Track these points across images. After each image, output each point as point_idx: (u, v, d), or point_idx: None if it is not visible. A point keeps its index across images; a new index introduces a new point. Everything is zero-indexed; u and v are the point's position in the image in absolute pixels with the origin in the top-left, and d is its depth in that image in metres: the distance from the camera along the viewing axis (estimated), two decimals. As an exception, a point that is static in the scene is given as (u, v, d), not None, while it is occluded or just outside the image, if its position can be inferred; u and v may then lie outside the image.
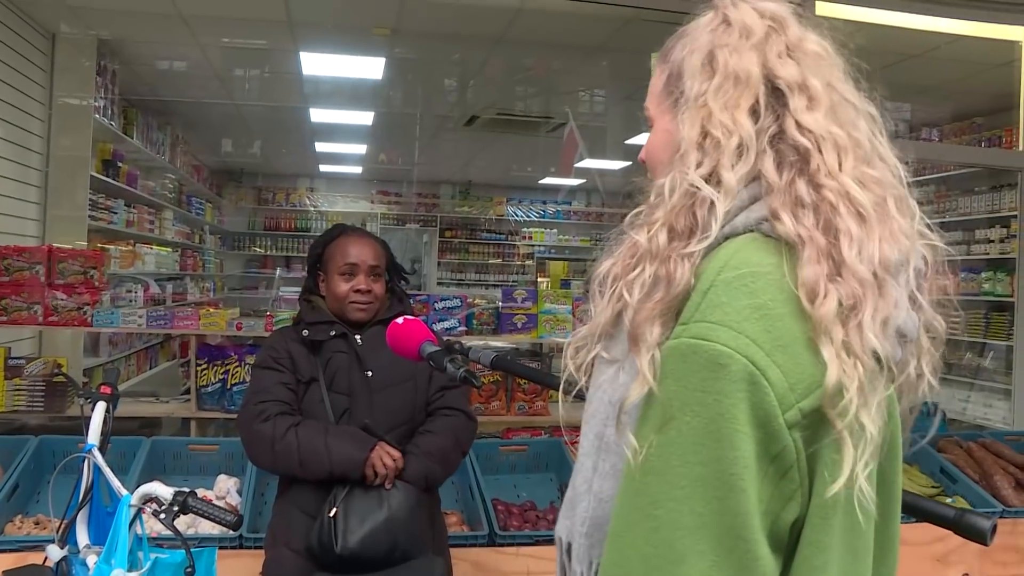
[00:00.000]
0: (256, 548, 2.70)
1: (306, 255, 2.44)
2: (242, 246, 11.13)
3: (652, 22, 4.48)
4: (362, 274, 2.25)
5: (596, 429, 0.92)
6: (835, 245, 0.79)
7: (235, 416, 3.57)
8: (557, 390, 1.00)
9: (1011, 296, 5.09)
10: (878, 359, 0.78)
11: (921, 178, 7.05)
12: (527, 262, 12.01)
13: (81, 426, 1.92)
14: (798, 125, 0.85)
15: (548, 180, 10.92)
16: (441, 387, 2.29)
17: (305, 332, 2.23)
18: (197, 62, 5.86)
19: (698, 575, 0.74)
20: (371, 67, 5.74)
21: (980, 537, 1.05)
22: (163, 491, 1.62)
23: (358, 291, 2.24)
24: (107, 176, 5.55)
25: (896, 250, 0.82)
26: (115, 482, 1.70)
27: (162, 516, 1.56)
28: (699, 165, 0.85)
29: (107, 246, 5.56)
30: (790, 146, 0.85)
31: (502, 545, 2.91)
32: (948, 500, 3.44)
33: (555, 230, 12.07)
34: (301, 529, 2.07)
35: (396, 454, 2.08)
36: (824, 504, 0.77)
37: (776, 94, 0.87)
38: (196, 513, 1.59)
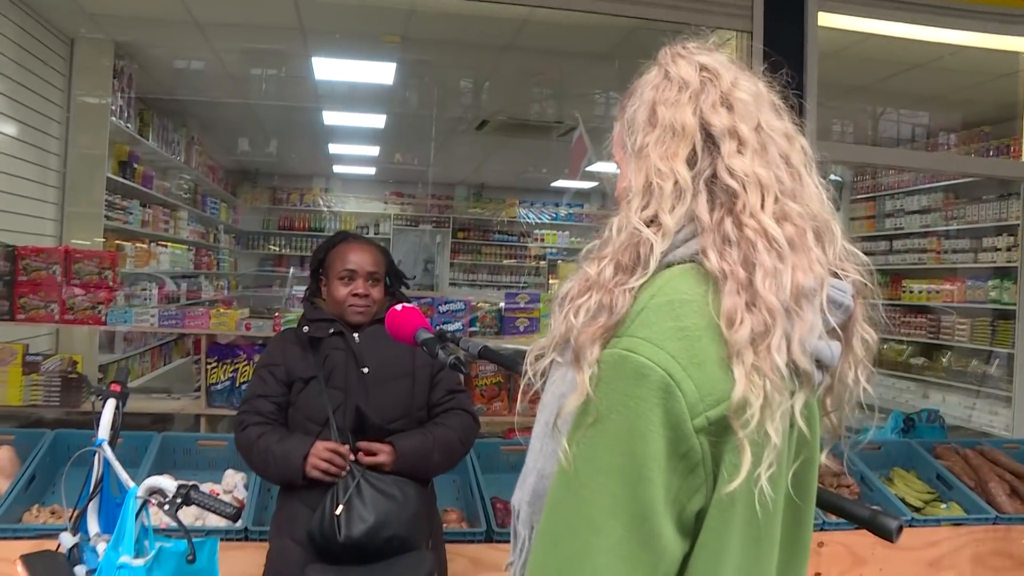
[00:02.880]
0: (261, 540, 2.78)
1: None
2: (256, 245, 11.24)
3: (657, 31, 4.56)
4: (360, 279, 2.35)
5: (546, 417, 1.06)
6: (752, 278, 0.91)
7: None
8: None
9: (1016, 305, 5.10)
10: (792, 377, 0.90)
11: (930, 185, 7.08)
12: (539, 264, 12.07)
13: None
14: (728, 169, 0.97)
15: (560, 183, 10.99)
16: (450, 391, 2.41)
17: (306, 328, 2.36)
18: (212, 64, 5.97)
19: (609, 545, 0.88)
20: (382, 72, 5.84)
21: (887, 535, 1.15)
22: (167, 484, 1.71)
23: (356, 295, 2.34)
24: (123, 177, 5.67)
25: (811, 278, 0.93)
26: (123, 475, 1.79)
27: (166, 508, 1.65)
28: (643, 208, 0.97)
29: (123, 243, 5.68)
30: (721, 188, 0.97)
31: (499, 542, 2.99)
32: (943, 506, 3.49)
33: (567, 232, 12.12)
34: (304, 521, 2.16)
35: (331, 445, 2.18)
36: (722, 499, 0.89)
37: (710, 140, 0.99)
38: (198, 505, 1.68)
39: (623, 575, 0.88)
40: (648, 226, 0.96)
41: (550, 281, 11.62)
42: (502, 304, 4.31)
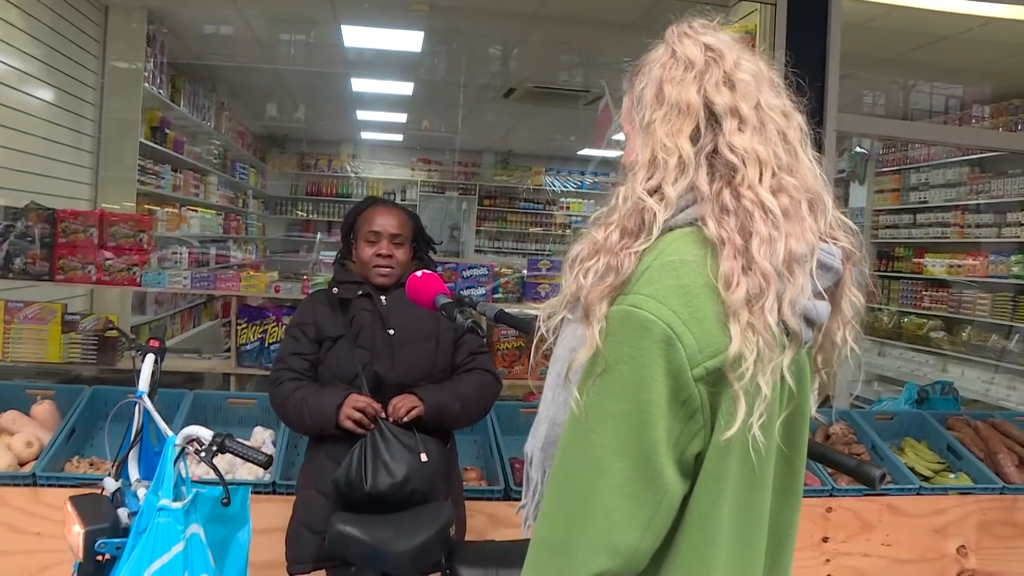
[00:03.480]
0: (288, 494, 2.91)
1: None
2: (284, 211, 11.35)
3: (684, 1, 4.56)
4: (384, 240, 2.44)
5: (558, 369, 1.16)
6: (748, 245, 0.99)
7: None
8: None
9: (1039, 280, 5.11)
10: (783, 335, 0.99)
11: (957, 159, 7.02)
12: (565, 232, 12.10)
13: (132, 378, 2.15)
14: (729, 145, 1.05)
15: (586, 151, 10.97)
16: (472, 352, 2.52)
17: (335, 290, 2.46)
18: (241, 29, 6.02)
19: (616, 484, 0.97)
20: (411, 40, 5.88)
21: (870, 483, 1.24)
22: (203, 433, 1.82)
23: (380, 255, 2.43)
24: (155, 143, 5.78)
25: (803, 245, 1.01)
26: (162, 425, 1.91)
27: (202, 454, 1.76)
28: (648, 180, 1.05)
29: (154, 208, 5.81)
30: (722, 162, 1.05)
31: (517, 499, 3.09)
32: (951, 476, 3.55)
33: (592, 201, 12.10)
34: (330, 474, 2.28)
35: (364, 398, 2.29)
36: (720, 445, 0.98)
37: (713, 117, 1.06)
38: (232, 452, 1.80)
39: (629, 512, 0.97)
40: (651, 196, 1.04)
41: (575, 249, 11.64)
42: (525, 270, 4.39)
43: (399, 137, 10.97)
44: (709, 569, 1.01)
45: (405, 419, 2.28)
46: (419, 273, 2.01)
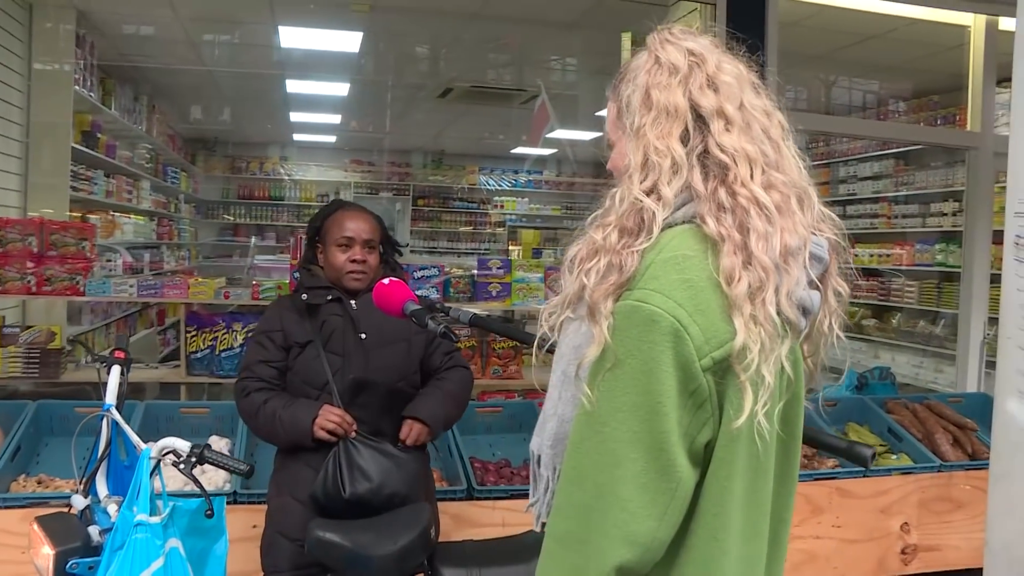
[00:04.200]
0: (249, 503, 2.88)
1: (279, 224, 2.63)
2: (216, 215, 11.13)
3: (624, 1, 4.65)
4: (357, 246, 2.42)
5: (562, 367, 1.19)
6: (747, 241, 1.03)
7: (224, 381, 3.78)
8: (528, 344, 1.25)
9: (961, 267, 5.33)
10: (782, 325, 1.03)
11: (881, 152, 7.30)
12: (499, 230, 12.15)
13: (77, 391, 2.10)
14: (718, 145, 1.09)
15: (520, 150, 11.04)
16: (446, 353, 2.55)
17: (304, 296, 2.43)
18: (174, 30, 5.87)
19: (632, 475, 1.00)
20: (349, 41, 5.83)
21: (863, 462, 1.30)
22: (180, 444, 1.79)
23: (354, 261, 2.41)
24: (87, 147, 5.60)
25: (796, 238, 1.06)
26: (135, 438, 1.87)
27: (181, 466, 1.73)
28: (643, 182, 1.09)
29: (88, 215, 5.63)
30: (714, 162, 1.09)
31: (479, 499, 3.12)
32: (893, 457, 3.71)
33: (526, 199, 12.20)
34: (304, 480, 2.27)
35: (338, 412, 2.28)
36: (729, 433, 1.02)
37: (700, 120, 1.11)
38: (212, 463, 1.77)
39: (645, 501, 1.00)
40: (648, 196, 1.07)
41: (510, 247, 11.73)
42: (475, 270, 4.40)
43: (332, 138, 10.85)
44: (723, 554, 1.05)
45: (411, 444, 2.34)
46: (386, 281, 2.01)
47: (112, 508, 1.88)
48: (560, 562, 1.05)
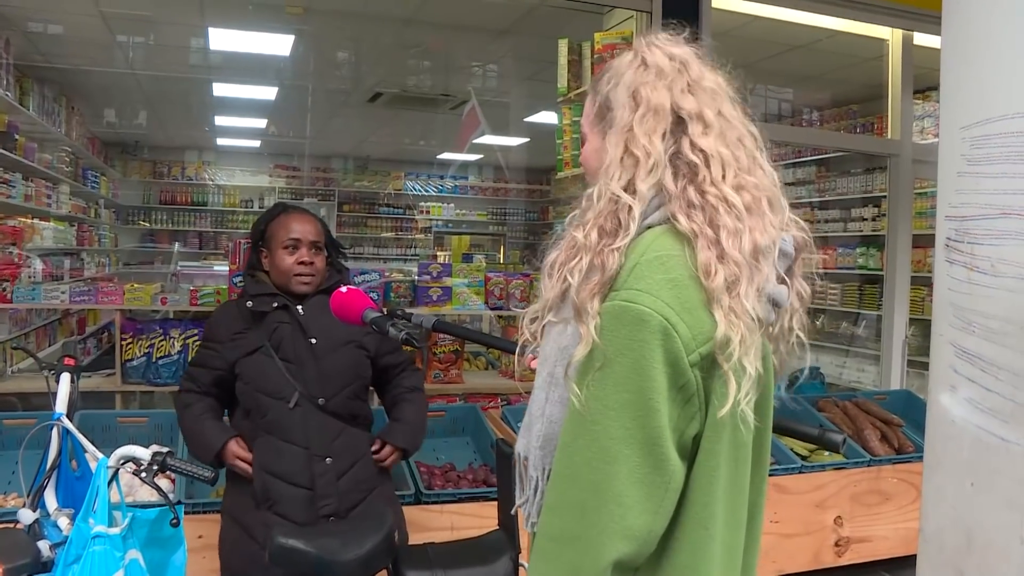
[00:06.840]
0: (193, 514, 2.82)
1: (209, 231, 2.62)
2: (136, 220, 10.81)
3: (557, 8, 4.71)
4: (304, 248, 2.40)
5: (548, 368, 1.20)
6: (718, 237, 1.07)
7: (161, 388, 3.70)
8: (496, 348, 1.26)
9: (882, 270, 5.55)
10: (756, 319, 1.07)
11: (802, 159, 7.55)
12: (425, 236, 12.12)
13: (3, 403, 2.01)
14: (692, 145, 1.13)
15: (445, 155, 11.03)
16: (401, 363, 2.58)
17: (250, 304, 2.38)
18: (95, 30, 5.67)
19: (627, 471, 1.02)
20: (280, 44, 5.74)
21: (835, 448, 1.36)
22: (140, 452, 1.74)
23: (302, 263, 2.39)
24: (5, 149, 5.37)
25: (766, 238, 1.10)
26: (90, 447, 1.81)
27: (143, 475, 1.68)
28: (620, 177, 1.12)
29: (6, 220, 5.40)
30: (684, 162, 1.12)
31: (428, 503, 3.12)
32: (826, 454, 3.85)
33: (452, 204, 12.22)
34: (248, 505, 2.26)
35: (244, 456, 2.30)
36: (716, 423, 1.06)
37: (679, 122, 1.15)
38: (174, 470, 1.72)
39: (641, 496, 1.03)
40: (625, 192, 1.10)
41: (437, 253, 11.71)
42: (415, 275, 4.39)
43: (256, 143, 10.65)
44: (711, 541, 1.08)
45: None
46: (344, 289, 1.99)
47: (63, 521, 1.81)
48: (556, 560, 1.06)
